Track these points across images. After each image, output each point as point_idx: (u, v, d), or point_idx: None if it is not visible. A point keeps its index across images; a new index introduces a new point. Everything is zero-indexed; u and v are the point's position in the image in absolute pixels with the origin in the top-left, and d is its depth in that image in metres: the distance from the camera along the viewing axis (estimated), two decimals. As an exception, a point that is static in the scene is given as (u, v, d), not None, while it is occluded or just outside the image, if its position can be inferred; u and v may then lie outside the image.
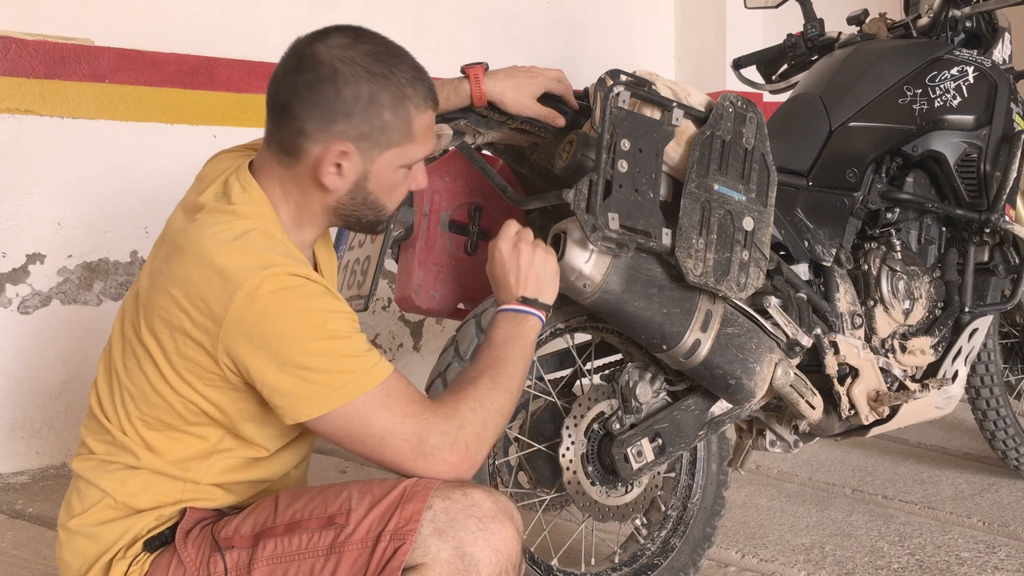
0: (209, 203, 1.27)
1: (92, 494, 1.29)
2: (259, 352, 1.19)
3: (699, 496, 1.95)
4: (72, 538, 1.30)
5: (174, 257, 1.23)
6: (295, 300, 1.19)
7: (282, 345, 1.18)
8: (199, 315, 1.20)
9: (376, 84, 1.24)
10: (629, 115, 1.57)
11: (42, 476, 2.71)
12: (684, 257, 1.60)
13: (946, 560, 2.14)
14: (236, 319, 1.17)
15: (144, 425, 1.28)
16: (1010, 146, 2.16)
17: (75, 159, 2.79)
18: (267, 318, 1.17)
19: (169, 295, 1.22)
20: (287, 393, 1.20)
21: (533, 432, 1.79)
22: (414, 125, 1.28)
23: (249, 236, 1.22)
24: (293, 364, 1.18)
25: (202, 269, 1.19)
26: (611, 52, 4.05)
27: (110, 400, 1.31)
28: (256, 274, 1.17)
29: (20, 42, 2.67)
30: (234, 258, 1.19)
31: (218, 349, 1.20)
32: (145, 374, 1.26)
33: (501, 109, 1.64)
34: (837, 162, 2.06)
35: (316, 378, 1.19)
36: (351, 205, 1.31)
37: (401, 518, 1.19)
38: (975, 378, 2.51)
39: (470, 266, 1.82)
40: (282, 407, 1.22)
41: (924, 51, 2.19)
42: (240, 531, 1.26)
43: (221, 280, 1.18)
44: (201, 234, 1.22)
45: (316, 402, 1.20)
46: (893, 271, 2.08)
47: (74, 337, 2.81)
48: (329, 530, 1.22)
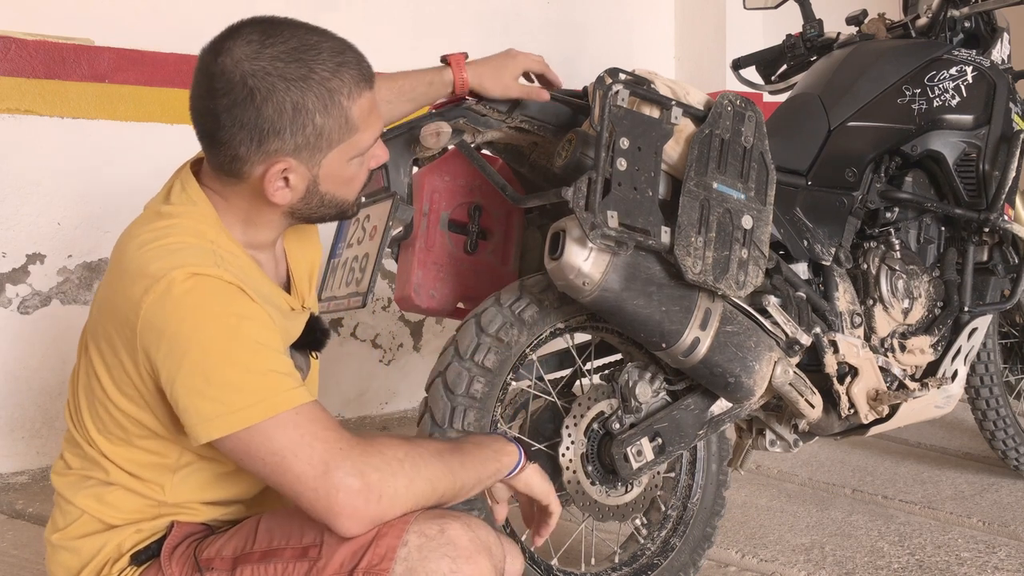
0: (148, 205, 1.24)
1: (71, 511, 1.28)
2: (167, 356, 1.11)
3: (699, 496, 1.95)
4: (56, 552, 1.29)
5: (110, 266, 1.21)
6: (215, 303, 1.11)
7: (187, 350, 1.10)
8: (119, 322, 1.15)
9: (297, 90, 1.14)
10: (628, 113, 1.57)
11: (42, 476, 2.71)
12: (683, 255, 1.60)
13: (946, 560, 2.14)
14: (147, 321, 1.11)
15: (104, 440, 1.24)
16: (1009, 145, 2.16)
17: (75, 159, 2.79)
18: (175, 320, 1.10)
19: (99, 304, 1.20)
20: (186, 409, 1.11)
21: (533, 432, 1.79)
22: (351, 116, 1.19)
23: (170, 237, 1.16)
24: (196, 372, 1.10)
25: (120, 273, 1.16)
26: (611, 52, 4.06)
27: (76, 412, 1.28)
28: (168, 274, 1.11)
29: (20, 42, 2.67)
30: (149, 259, 1.13)
31: (137, 355, 1.14)
32: (95, 387, 1.23)
33: (486, 96, 1.64)
34: (836, 161, 2.06)
35: (219, 391, 1.10)
36: (308, 209, 1.25)
37: (375, 555, 1.13)
38: (975, 378, 2.51)
39: (470, 265, 1.82)
40: (185, 423, 1.13)
41: (923, 51, 2.19)
42: (222, 553, 1.23)
43: (134, 282, 1.13)
44: (126, 238, 1.19)
45: (215, 423, 1.10)
46: (892, 270, 2.08)
47: (74, 337, 2.79)
48: (303, 562, 1.17)
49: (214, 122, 1.16)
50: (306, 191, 1.22)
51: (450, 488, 1.20)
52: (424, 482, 1.16)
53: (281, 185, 1.20)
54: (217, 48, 1.17)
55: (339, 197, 1.26)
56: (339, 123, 1.18)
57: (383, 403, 3.51)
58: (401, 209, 1.64)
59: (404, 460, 1.15)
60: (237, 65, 1.14)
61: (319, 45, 1.17)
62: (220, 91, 1.15)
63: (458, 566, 1.13)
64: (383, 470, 1.13)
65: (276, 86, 1.13)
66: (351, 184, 1.26)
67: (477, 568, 1.14)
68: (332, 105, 1.17)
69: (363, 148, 1.23)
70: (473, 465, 1.24)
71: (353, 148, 1.22)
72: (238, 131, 1.15)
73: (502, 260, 1.86)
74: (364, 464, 1.11)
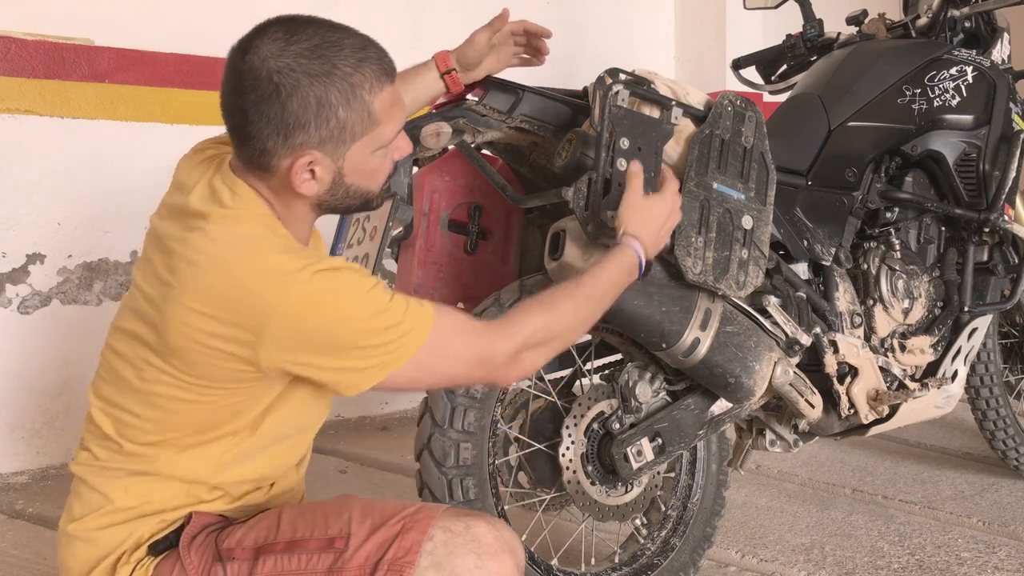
0: (205, 209, 1.23)
1: (94, 499, 1.28)
2: (314, 350, 1.18)
3: (699, 496, 1.95)
4: (71, 542, 1.29)
5: (186, 269, 1.19)
6: (335, 292, 1.18)
7: (337, 339, 1.18)
8: (230, 326, 1.17)
9: (320, 85, 1.18)
10: (628, 113, 1.57)
11: (42, 476, 2.71)
12: (683, 255, 1.60)
13: (946, 560, 2.14)
14: (283, 325, 1.16)
15: (162, 440, 1.26)
16: (1009, 146, 2.16)
17: (75, 159, 2.79)
18: (317, 319, 1.17)
19: (190, 309, 1.18)
20: (348, 369, 1.21)
21: (533, 432, 1.79)
22: (373, 110, 1.22)
23: (266, 240, 1.20)
24: (352, 347, 1.19)
25: (228, 279, 1.17)
26: (611, 52, 4.05)
27: (122, 411, 1.27)
28: (290, 277, 1.16)
29: (20, 42, 2.67)
30: (261, 263, 1.17)
31: (259, 354, 1.18)
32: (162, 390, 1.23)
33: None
34: (836, 161, 2.06)
35: (376, 352, 1.20)
36: (334, 200, 1.28)
37: (400, 548, 1.19)
38: (975, 378, 2.51)
39: (470, 265, 1.82)
40: (341, 383, 1.22)
41: (923, 51, 2.19)
42: (243, 543, 1.25)
43: (255, 286, 1.16)
44: (215, 244, 1.19)
45: (377, 372, 1.21)
46: (892, 270, 2.08)
47: (74, 337, 2.81)
48: (328, 553, 1.21)
49: (243, 117, 1.20)
50: (332, 183, 1.25)
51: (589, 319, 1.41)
52: (559, 342, 1.35)
53: (307, 177, 1.23)
54: (245, 46, 1.21)
55: (364, 188, 1.29)
56: (361, 116, 1.22)
57: (383, 403, 3.51)
58: (401, 209, 1.64)
59: (538, 325, 1.31)
60: (263, 62, 1.18)
61: (341, 42, 1.21)
62: (248, 88, 1.19)
63: (483, 562, 1.17)
64: (525, 338, 1.29)
65: (300, 82, 1.17)
66: (375, 176, 1.30)
67: (502, 565, 1.19)
68: (354, 99, 1.20)
69: (386, 140, 1.27)
70: (606, 297, 1.43)
71: (376, 140, 1.25)
72: (265, 125, 1.19)
73: (502, 260, 1.86)
74: (509, 341, 1.28)
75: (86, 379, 2.98)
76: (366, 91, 1.21)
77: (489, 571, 1.17)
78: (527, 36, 1.68)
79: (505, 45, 1.65)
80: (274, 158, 1.21)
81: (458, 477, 1.62)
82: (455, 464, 1.62)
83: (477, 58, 1.61)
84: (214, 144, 1.39)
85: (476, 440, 1.64)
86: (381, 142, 1.26)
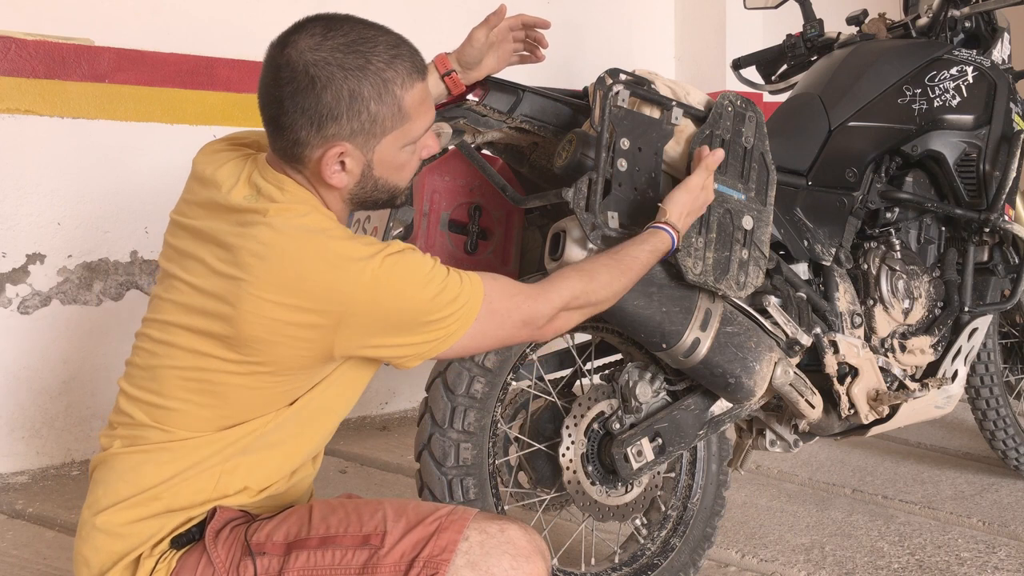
0: (259, 205, 1.26)
1: (121, 488, 1.28)
2: (387, 331, 1.25)
3: (699, 496, 1.95)
4: (94, 535, 1.28)
5: (256, 264, 1.21)
6: (404, 274, 1.24)
7: (408, 317, 1.25)
8: (309, 313, 1.20)
9: (354, 79, 1.22)
10: (628, 114, 1.57)
11: (42, 476, 2.71)
12: (683, 256, 1.60)
13: (946, 560, 2.14)
14: (359, 312, 1.21)
15: (204, 423, 1.28)
16: (1009, 146, 2.16)
17: (75, 159, 2.79)
18: (389, 303, 1.22)
19: (266, 300, 1.20)
20: (417, 344, 1.27)
21: (533, 432, 1.79)
22: (404, 105, 1.26)
23: (331, 229, 1.24)
24: (421, 323, 1.26)
25: (301, 269, 1.20)
26: (611, 52, 4.05)
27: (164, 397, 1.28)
28: (361, 263, 1.21)
29: (20, 42, 2.67)
30: (331, 252, 1.21)
31: (336, 340, 1.23)
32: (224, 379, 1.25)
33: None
34: (836, 162, 2.06)
35: (441, 325, 1.27)
36: (363, 193, 1.32)
37: (436, 546, 1.22)
38: (975, 378, 2.51)
39: (470, 265, 1.81)
40: (408, 356, 1.29)
41: (923, 51, 2.19)
42: (273, 538, 1.26)
43: (328, 274, 1.20)
44: (282, 235, 1.21)
45: (444, 341, 1.29)
46: (893, 270, 2.08)
47: (74, 337, 2.81)
48: (364, 549, 1.23)
49: (278, 108, 1.25)
50: (361, 175, 1.29)
51: (621, 292, 1.50)
52: (592, 308, 1.45)
53: (338, 168, 1.27)
54: (284, 41, 1.25)
55: (391, 183, 1.33)
56: (392, 111, 1.25)
57: (383, 403, 3.51)
58: (401, 209, 1.64)
59: (577, 290, 1.41)
60: (300, 56, 1.22)
61: (376, 39, 1.26)
62: (284, 80, 1.23)
63: (518, 564, 1.21)
64: (565, 300, 1.39)
65: (335, 75, 1.22)
66: (403, 171, 1.33)
67: (536, 568, 1.23)
68: (386, 94, 1.25)
69: (415, 136, 1.30)
70: (638, 271, 1.50)
71: (405, 136, 1.29)
72: (299, 116, 1.23)
73: (502, 260, 1.86)
74: (550, 303, 1.38)
75: (86, 379, 3.00)
76: (398, 87, 1.25)
77: (524, 572, 1.21)
78: (525, 30, 1.68)
79: (504, 43, 1.65)
80: (307, 148, 1.25)
81: (458, 477, 1.62)
82: (455, 464, 1.62)
83: (477, 56, 1.61)
84: (231, 147, 1.41)
85: (476, 440, 1.64)
86: (410, 138, 1.30)
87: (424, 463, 1.64)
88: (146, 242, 2.92)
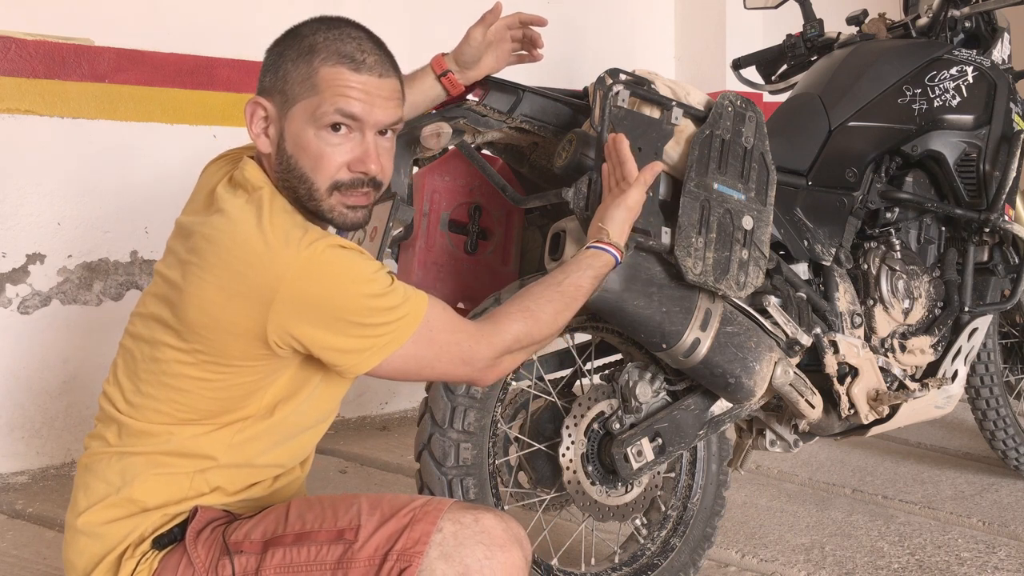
0: (224, 193, 1.26)
1: (99, 488, 1.28)
2: (317, 321, 1.21)
3: (699, 496, 1.95)
4: (76, 538, 1.29)
5: (206, 247, 1.21)
6: (341, 266, 1.21)
7: (340, 312, 1.21)
8: (242, 297, 1.19)
9: (292, 40, 1.27)
10: (628, 114, 1.57)
11: (42, 476, 2.71)
12: (683, 256, 1.60)
13: (946, 560, 2.14)
14: (289, 294, 1.19)
15: (172, 421, 1.28)
16: (1009, 146, 2.16)
17: (75, 159, 2.79)
18: (321, 289, 1.19)
19: (208, 283, 1.20)
20: (349, 351, 1.23)
21: (533, 432, 1.79)
22: (316, 77, 1.24)
23: (275, 211, 1.23)
24: (352, 323, 1.22)
25: (240, 250, 1.19)
26: (611, 52, 4.05)
27: (135, 393, 1.29)
28: (298, 245, 1.19)
29: (20, 42, 2.67)
30: (270, 232, 1.19)
31: (267, 324, 1.20)
32: (177, 369, 1.25)
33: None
34: (836, 162, 2.06)
35: (373, 332, 1.23)
36: (283, 172, 1.27)
37: (409, 539, 1.20)
38: (975, 378, 2.51)
39: (470, 265, 1.82)
40: (343, 363, 1.25)
41: (923, 51, 2.19)
42: (251, 536, 1.26)
43: (265, 254, 1.18)
44: (227, 218, 1.22)
45: (376, 353, 1.24)
46: (893, 270, 2.08)
47: (74, 337, 2.81)
48: (338, 544, 1.22)
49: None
50: (277, 145, 1.28)
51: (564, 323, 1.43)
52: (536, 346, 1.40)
53: (260, 131, 1.29)
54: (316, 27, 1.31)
55: (303, 168, 1.26)
56: (303, 76, 1.25)
57: (383, 403, 3.51)
58: (401, 209, 1.64)
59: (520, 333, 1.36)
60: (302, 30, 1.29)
61: (345, 28, 1.28)
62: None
63: (492, 553, 1.19)
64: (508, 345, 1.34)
65: (286, 39, 1.29)
66: (317, 161, 1.26)
67: (510, 557, 1.20)
68: (303, 59, 1.26)
69: (320, 116, 1.25)
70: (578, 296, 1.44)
71: (311, 109, 1.25)
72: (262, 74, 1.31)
73: (502, 260, 1.86)
74: (492, 347, 1.33)
75: (86, 379, 3.00)
76: (318, 58, 1.25)
77: (498, 562, 1.19)
78: (522, 28, 1.67)
79: (502, 42, 1.65)
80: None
81: (458, 477, 1.62)
82: (455, 464, 1.62)
83: (474, 55, 1.61)
84: (236, 153, 1.42)
85: (476, 440, 1.64)
86: (316, 115, 1.25)
87: (424, 463, 1.64)
88: (146, 242, 2.92)
